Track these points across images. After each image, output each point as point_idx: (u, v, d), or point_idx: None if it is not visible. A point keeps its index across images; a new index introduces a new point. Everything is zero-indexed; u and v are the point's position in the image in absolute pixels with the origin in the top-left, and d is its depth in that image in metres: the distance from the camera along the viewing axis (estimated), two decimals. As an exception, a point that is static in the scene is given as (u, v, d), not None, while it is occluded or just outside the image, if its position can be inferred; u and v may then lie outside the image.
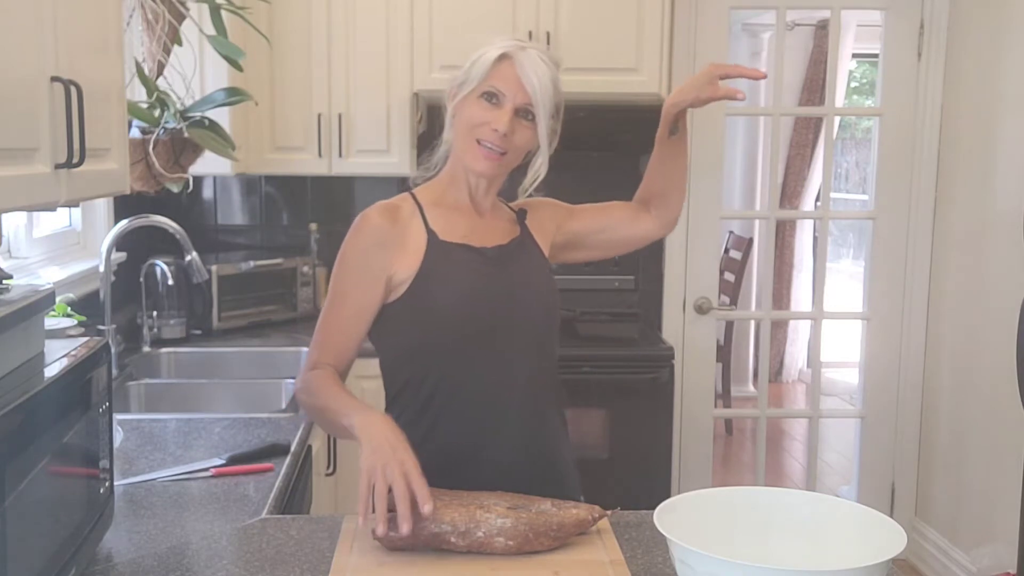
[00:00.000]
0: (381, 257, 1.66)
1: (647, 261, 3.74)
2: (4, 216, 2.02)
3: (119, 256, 3.03)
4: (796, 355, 6.47)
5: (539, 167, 1.71)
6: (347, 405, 1.57)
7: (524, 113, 1.64)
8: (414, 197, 1.74)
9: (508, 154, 1.66)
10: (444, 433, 1.69)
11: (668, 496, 1.38)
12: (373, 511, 1.42)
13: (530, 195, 1.79)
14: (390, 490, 1.43)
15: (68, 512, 1.33)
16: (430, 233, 1.69)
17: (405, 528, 1.40)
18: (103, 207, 3.09)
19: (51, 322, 2.14)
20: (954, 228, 3.57)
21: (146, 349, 3.04)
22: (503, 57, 1.64)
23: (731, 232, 5.83)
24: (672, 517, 1.30)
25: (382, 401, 3.27)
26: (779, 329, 6.28)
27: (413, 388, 1.70)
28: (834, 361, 5.84)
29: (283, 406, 2.50)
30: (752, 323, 5.84)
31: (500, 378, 1.68)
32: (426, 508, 1.42)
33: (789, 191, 6.02)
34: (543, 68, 1.64)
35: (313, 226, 3.68)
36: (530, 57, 1.64)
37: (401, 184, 3.63)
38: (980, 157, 3.37)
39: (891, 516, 1.59)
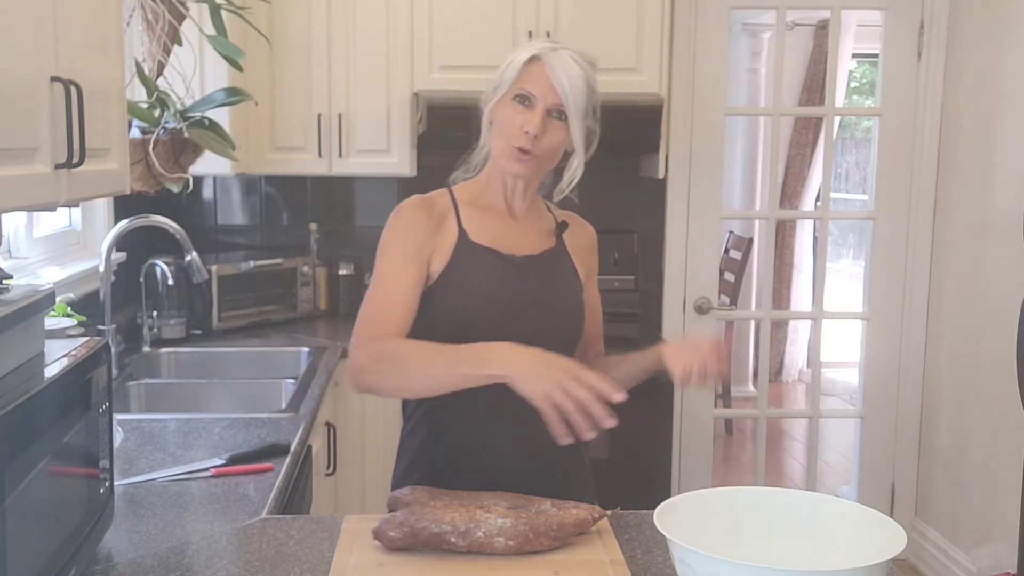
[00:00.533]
0: (424, 240, 1.68)
1: (647, 261, 3.74)
2: (4, 216, 2.02)
3: (119, 256, 3.02)
4: (796, 355, 6.47)
5: (575, 169, 1.71)
6: (463, 352, 1.53)
7: (557, 114, 1.64)
8: (452, 194, 1.76)
9: (542, 156, 1.67)
10: (455, 432, 1.72)
11: (668, 496, 1.38)
12: (570, 431, 1.43)
13: (565, 196, 1.78)
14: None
15: (68, 512, 1.33)
16: (461, 232, 1.70)
17: (610, 423, 1.41)
18: (103, 207, 3.09)
19: (51, 322, 2.14)
20: (954, 228, 3.57)
21: (146, 349, 3.04)
22: (533, 59, 1.64)
23: (731, 232, 5.83)
24: (672, 517, 1.30)
25: (381, 403, 3.26)
26: (779, 329, 6.28)
27: None
28: (834, 361, 5.83)
29: (283, 406, 2.50)
30: (752, 323, 5.84)
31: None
32: (617, 396, 1.42)
33: (789, 191, 6.02)
34: (574, 68, 1.63)
35: (313, 226, 3.68)
36: (560, 58, 1.63)
37: (401, 184, 3.64)
38: (980, 157, 3.37)
39: (891, 516, 1.59)
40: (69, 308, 2.35)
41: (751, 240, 5.48)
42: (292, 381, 2.74)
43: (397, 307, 1.64)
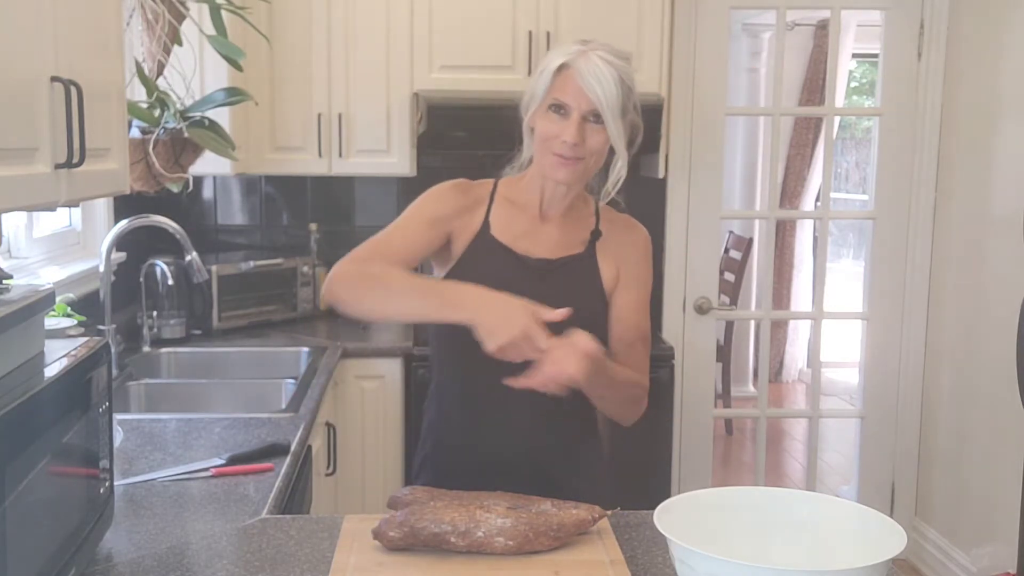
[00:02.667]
0: (450, 212, 1.71)
1: (647, 261, 3.73)
2: (4, 216, 2.02)
3: (119, 256, 3.02)
4: (796, 355, 6.47)
5: (619, 169, 1.70)
6: (437, 289, 1.57)
7: (593, 118, 1.63)
8: (495, 186, 1.78)
9: (585, 159, 1.66)
10: (451, 420, 1.76)
11: (668, 496, 1.38)
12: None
13: (614, 200, 1.77)
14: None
15: (68, 512, 1.33)
16: (485, 224, 1.72)
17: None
18: (103, 207, 3.09)
19: (51, 322, 2.14)
20: (954, 228, 3.57)
21: (146, 349, 3.04)
22: (563, 67, 1.64)
23: (731, 232, 5.83)
24: (672, 517, 1.30)
25: (381, 402, 3.26)
26: (779, 329, 6.28)
27: (440, 366, 1.78)
28: (834, 361, 5.83)
29: (283, 406, 2.50)
30: (752, 323, 5.84)
31: (507, 387, 1.67)
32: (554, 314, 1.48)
33: (789, 191, 6.02)
34: (604, 70, 1.61)
35: (313, 226, 3.68)
36: (590, 62, 1.62)
37: (401, 184, 3.64)
38: (980, 157, 3.37)
39: (891, 516, 1.59)
40: (69, 308, 2.35)
41: (751, 240, 5.48)
42: (292, 381, 2.74)
43: (401, 246, 1.67)
